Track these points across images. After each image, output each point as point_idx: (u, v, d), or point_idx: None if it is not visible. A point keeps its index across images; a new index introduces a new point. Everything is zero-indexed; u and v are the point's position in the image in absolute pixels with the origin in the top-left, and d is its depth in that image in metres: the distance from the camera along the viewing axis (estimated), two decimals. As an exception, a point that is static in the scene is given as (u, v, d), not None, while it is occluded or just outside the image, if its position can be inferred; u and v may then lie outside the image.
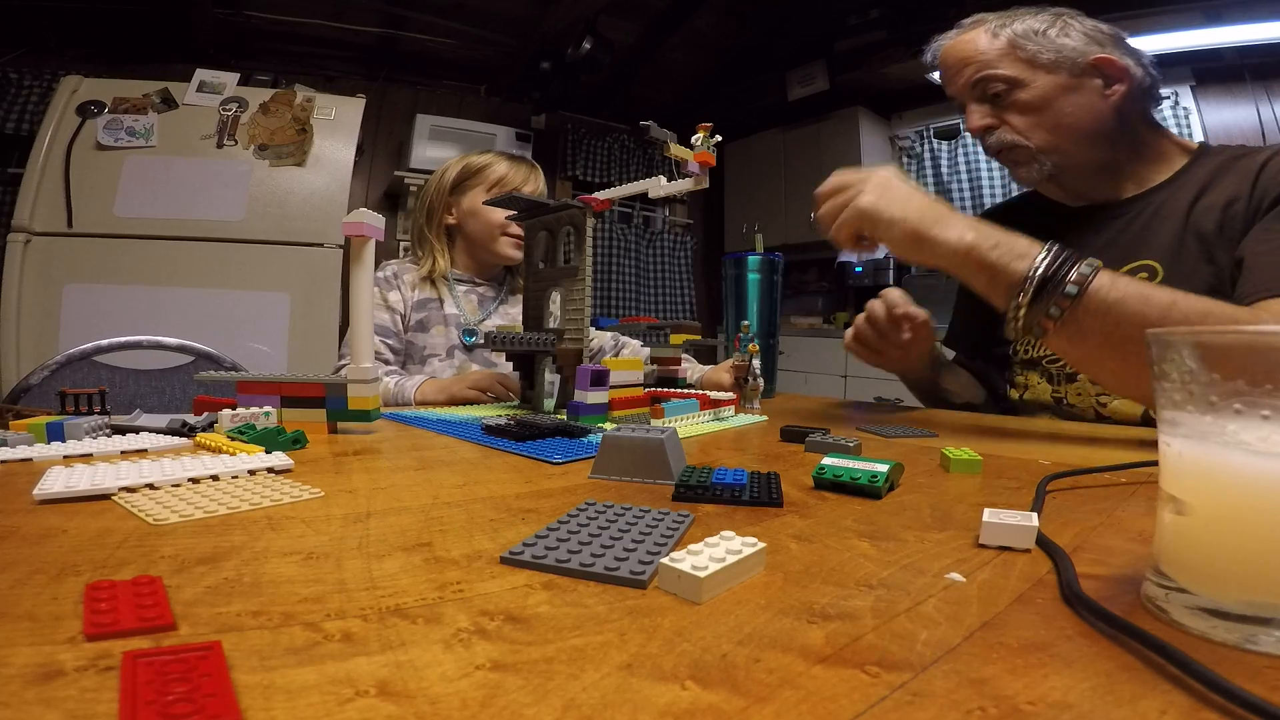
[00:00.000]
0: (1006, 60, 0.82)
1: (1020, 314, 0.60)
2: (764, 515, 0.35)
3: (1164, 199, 0.82)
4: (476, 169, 1.24)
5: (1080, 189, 0.89)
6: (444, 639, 0.19)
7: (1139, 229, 0.82)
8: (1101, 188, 0.88)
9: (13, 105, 2.48)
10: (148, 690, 0.15)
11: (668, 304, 3.92)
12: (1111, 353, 0.60)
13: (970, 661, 0.18)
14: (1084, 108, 0.81)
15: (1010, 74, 0.82)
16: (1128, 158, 0.85)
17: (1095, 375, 0.66)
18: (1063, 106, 0.81)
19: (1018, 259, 0.60)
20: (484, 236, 1.23)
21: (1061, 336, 0.60)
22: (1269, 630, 0.19)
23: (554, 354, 0.78)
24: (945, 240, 0.63)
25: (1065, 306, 0.58)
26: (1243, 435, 0.20)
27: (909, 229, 0.64)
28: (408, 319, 1.19)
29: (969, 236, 0.62)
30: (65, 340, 1.96)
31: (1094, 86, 0.81)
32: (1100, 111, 0.81)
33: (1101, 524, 0.33)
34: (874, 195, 0.66)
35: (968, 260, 0.62)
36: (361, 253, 0.63)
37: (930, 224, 0.63)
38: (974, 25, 0.86)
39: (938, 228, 0.63)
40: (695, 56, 3.40)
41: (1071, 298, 0.58)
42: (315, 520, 0.31)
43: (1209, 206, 0.77)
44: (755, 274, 1.07)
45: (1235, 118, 2.37)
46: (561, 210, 0.80)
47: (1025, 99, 0.82)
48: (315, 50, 3.04)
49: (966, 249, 0.62)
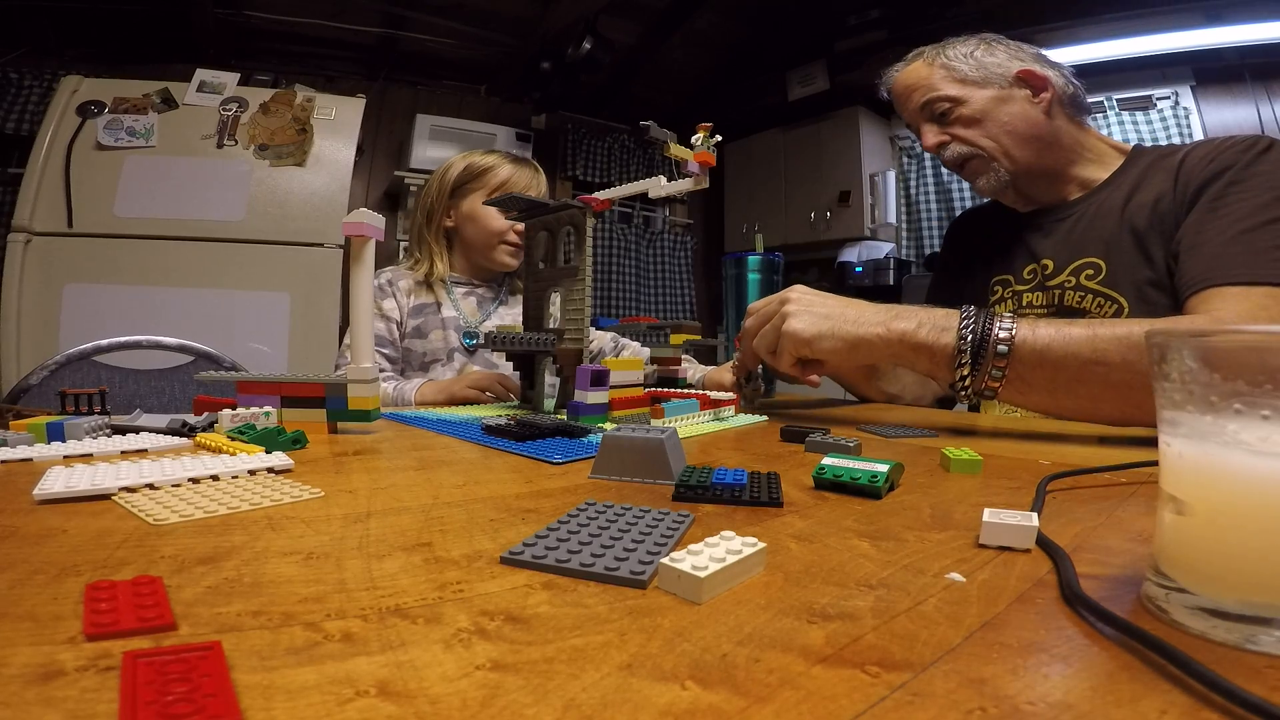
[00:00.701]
0: (944, 82, 0.91)
1: (966, 383, 0.64)
2: (764, 515, 0.35)
3: (1103, 199, 0.88)
4: (478, 172, 1.23)
5: (1032, 193, 0.95)
6: (444, 639, 0.19)
7: (1083, 229, 0.88)
8: (1049, 191, 0.94)
9: (13, 105, 2.48)
10: (148, 690, 0.15)
11: (668, 304, 3.92)
12: (1062, 394, 0.64)
13: (970, 661, 0.18)
14: (1018, 115, 0.89)
15: (950, 93, 0.91)
16: (1067, 160, 0.91)
17: (1057, 414, 0.69)
18: (999, 115, 0.89)
19: (943, 332, 0.65)
20: (481, 243, 1.22)
21: (1011, 391, 0.64)
22: (1269, 630, 0.19)
23: (554, 354, 0.78)
24: (878, 337, 0.67)
25: (1003, 365, 0.62)
26: (1243, 435, 0.20)
27: (843, 337, 0.68)
28: (404, 326, 1.18)
29: (897, 326, 0.66)
30: (65, 340, 1.96)
31: (1023, 96, 0.90)
32: (1033, 117, 0.89)
33: (1101, 524, 0.33)
34: (798, 319, 0.70)
35: (904, 347, 0.66)
36: (361, 253, 0.63)
37: (859, 326, 0.68)
38: (914, 58, 0.96)
39: (866, 328, 0.68)
40: (695, 56, 3.39)
41: (1005, 356, 0.62)
42: (315, 520, 0.31)
43: (1140, 204, 0.82)
44: (755, 274, 1.07)
45: (1235, 118, 2.37)
46: (561, 210, 0.80)
47: (966, 114, 0.90)
48: (315, 50, 3.04)
49: (899, 338, 0.66)
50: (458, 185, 1.24)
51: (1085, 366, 0.60)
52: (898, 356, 0.68)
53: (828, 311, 0.70)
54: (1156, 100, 2.50)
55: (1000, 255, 0.98)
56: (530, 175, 1.25)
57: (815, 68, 3.24)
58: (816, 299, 0.72)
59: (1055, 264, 0.89)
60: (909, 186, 3.29)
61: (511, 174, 1.23)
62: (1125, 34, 2.37)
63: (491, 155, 1.26)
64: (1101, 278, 0.84)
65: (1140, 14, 2.32)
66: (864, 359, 0.69)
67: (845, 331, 0.68)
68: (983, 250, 1.03)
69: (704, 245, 4.15)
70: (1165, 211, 0.79)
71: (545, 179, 1.28)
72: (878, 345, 0.67)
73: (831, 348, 0.69)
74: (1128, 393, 0.61)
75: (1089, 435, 0.67)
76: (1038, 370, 0.62)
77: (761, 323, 0.75)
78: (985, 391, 0.64)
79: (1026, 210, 0.97)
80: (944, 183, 3.11)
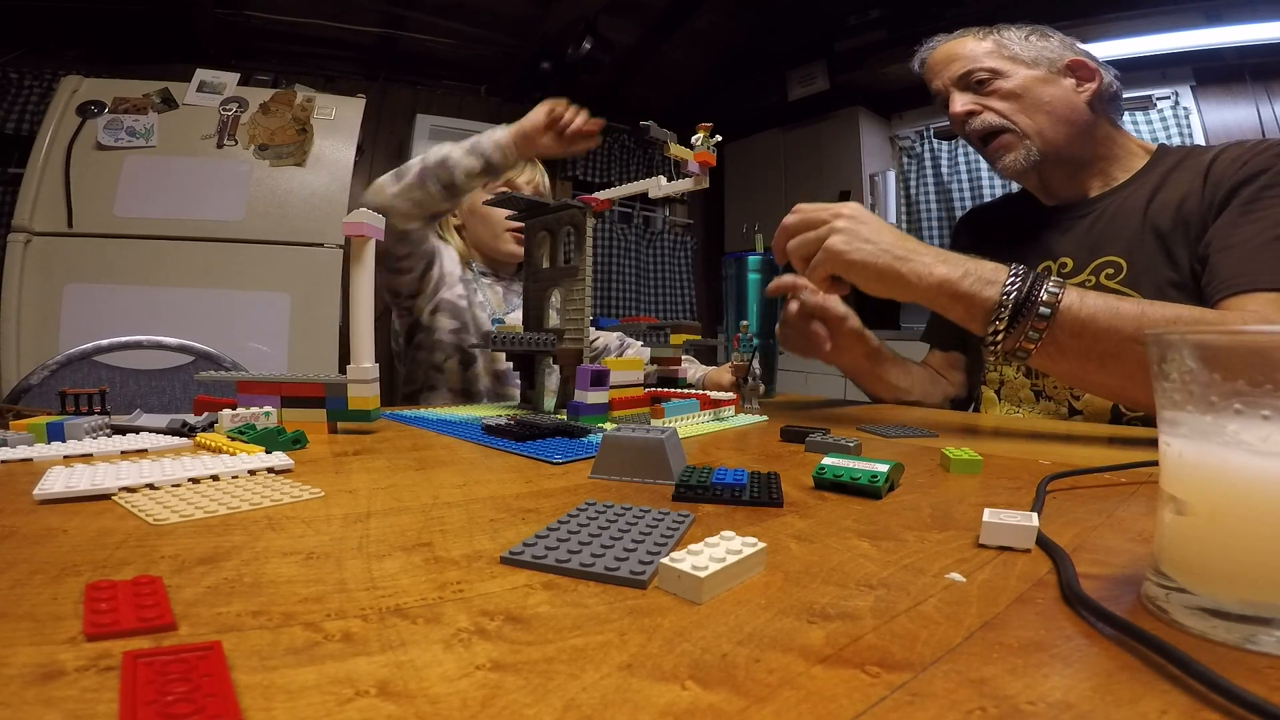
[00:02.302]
0: (991, 56, 0.89)
1: (1000, 339, 0.62)
2: (764, 515, 0.35)
3: (1125, 197, 0.86)
4: None
5: (1055, 183, 0.93)
6: (444, 639, 0.19)
7: (1103, 226, 0.86)
8: (1073, 184, 0.92)
9: (13, 105, 2.48)
10: (148, 690, 0.15)
11: (668, 304, 3.92)
12: (1094, 366, 0.62)
13: (970, 661, 0.18)
14: (1060, 98, 0.87)
15: (993, 65, 0.89)
16: (1096, 154, 0.90)
17: (1081, 386, 0.68)
18: (1041, 94, 0.87)
19: (987, 285, 0.62)
20: (488, 235, 1.23)
21: (1043, 356, 0.63)
22: (1269, 630, 0.19)
23: (554, 354, 0.78)
24: (918, 277, 0.65)
25: (1042, 329, 0.60)
26: (1243, 435, 0.20)
27: (881, 269, 0.66)
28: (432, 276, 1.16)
29: (939, 270, 0.64)
30: (65, 340, 1.96)
31: (1069, 84, 0.88)
32: (1074, 103, 0.87)
33: (1101, 524, 0.33)
34: (844, 237, 0.67)
35: (941, 293, 0.64)
36: (361, 253, 0.63)
37: (901, 262, 0.65)
38: (963, 33, 0.94)
39: (908, 265, 0.65)
40: (695, 56, 3.39)
41: (1046, 319, 0.60)
42: (315, 520, 0.31)
43: (1164, 204, 0.81)
44: (755, 274, 1.07)
45: (1235, 118, 2.37)
46: (561, 210, 0.80)
47: (1007, 87, 0.88)
48: (315, 50, 3.04)
49: (939, 282, 0.64)
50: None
51: (1125, 343, 0.59)
52: (932, 301, 0.65)
53: (876, 238, 0.67)
54: (1156, 100, 2.49)
55: (1015, 252, 0.95)
56: (526, 167, 1.25)
57: (815, 68, 3.23)
58: (869, 223, 0.68)
59: (1075, 262, 0.88)
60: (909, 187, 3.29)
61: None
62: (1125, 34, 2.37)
63: None
64: (1122, 277, 0.83)
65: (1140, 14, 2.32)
66: (896, 294, 0.66)
67: (885, 263, 0.65)
68: (996, 247, 1.00)
69: (704, 245, 4.14)
70: (1191, 212, 0.78)
71: (544, 172, 1.28)
72: (914, 285, 0.65)
73: (867, 275, 0.67)
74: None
75: (1089, 435, 0.67)
76: (1076, 338, 0.60)
77: (804, 227, 0.71)
78: (1018, 352, 0.62)
79: (1049, 204, 0.95)
80: (944, 183, 3.11)
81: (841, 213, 0.69)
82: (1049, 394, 0.89)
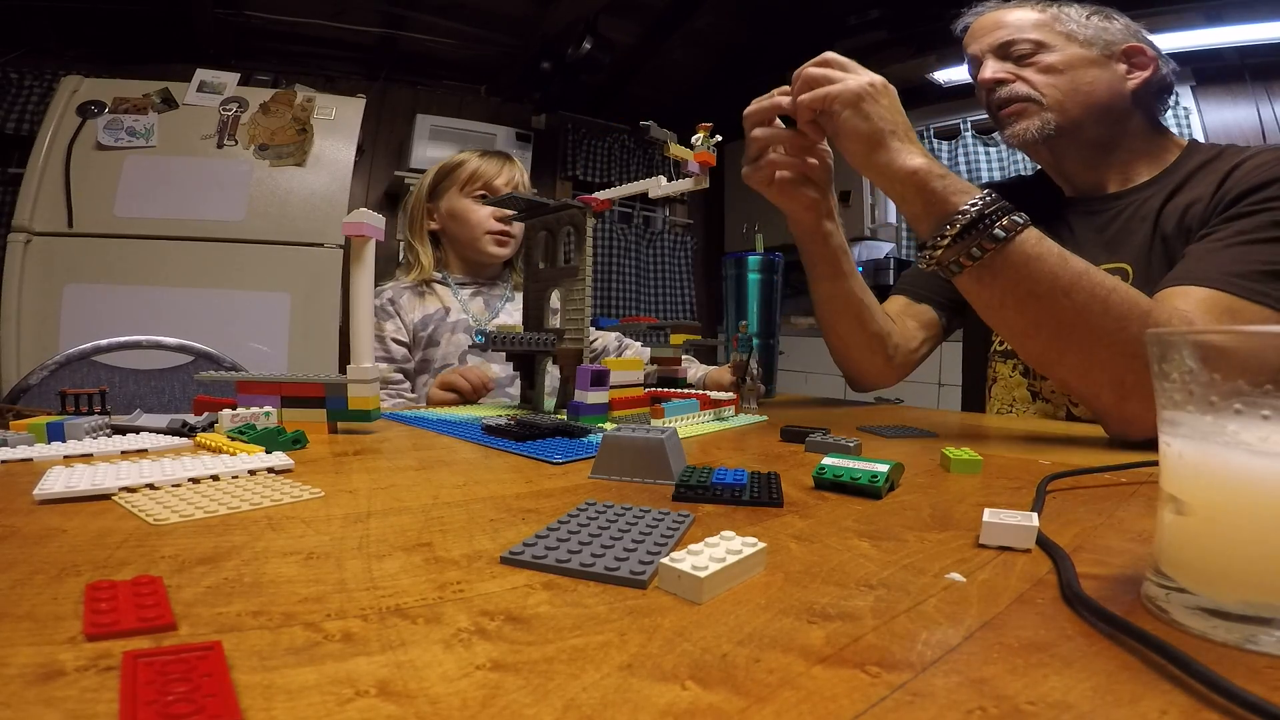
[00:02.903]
0: (1040, 29, 0.84)
1: (943, 244, 0.61)
2: (764, 515, 0.35)
3: (1144, 199, 0.83)
4: (449, 170, 1.24)
5: (1069, 164, 0.89)
6: (444, 639, 0.19)
7: (1118, 229, 0.84)
8: (1091, 172, 0.88)
9: (13, 105, 2.48)
10: (148, 690, 0.15)
11: (668, 304, 3.92)
12: (1014, 304, 0.62)
13: (970, 661, 0.18)
14: (1102, 82, 0.83)
15: (1039, 38, 0.84)
16: (1121, 145, 0.86)
17: (992, 320, 0.67)
18: (1083, 74, 0.83)
19: (958, 194, 0.62)
20: (467, 237, 1.22)
21: (972, 277, 0.62)
22: (1269, 630, 0.19)
23: (554, 354, 0.78)
24: (898, 157, 0.64)
25: (988, 249, 0.60)
26: (1243, 435, 0.20)
27: (872, 133, 0.65)
28: (415, 338, 1.17)
29: (920, 161, 0.64)
30: (65, 340, 1.96)
31: (1118, 69, 0.83)
32: (1117, 90, 0.83)
33: (1101, 524, 0.33)
34: (867, 90, 0.66)
35: (910, 182, 0.64)
36: (362, 253, 0.63)
37: (892, 137, 0.65)
38: (1021, 2, 0.88)
39: (896, 144, 0.65)
40: (695, 56, 3.39)
41: (997, 242, 0.59)
42: (315, 520, 0.31)
43: (1175, 208, 0.79)
44: (755, 274, 1.07)
45: (1235, 118, 2.37)
46: (561, 210, 0.80)
47: (1049, 61, 0.83)
48: (315, 50, 3.04)
49: (912, 170, 0.63)
50: (433, 186, 1.25)
51: (1054, 293, 0.59)
52: (894, 187, 0.65)
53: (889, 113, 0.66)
54: (1157, 100, 2.50)
55: None
56: (500, 163, 1.25)
57: (815, 68, 3.23)
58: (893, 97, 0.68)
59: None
60: (909, 186, 3.29)
61: (480, 164, 1.23)
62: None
63: (464, 153, 1.27)
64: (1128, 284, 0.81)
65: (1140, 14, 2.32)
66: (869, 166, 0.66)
67: (880, 129, 0.65)
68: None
69: (704, 245, 4.14)
70: (1194, 217, 0.76)
71: (521, 167, 1.28)
72: (889, 164, 0.65)
73: (857, 133, 0.66)
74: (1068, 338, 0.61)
75: (1089, 436, 0.67)
76: (1012, 270, 0.60)
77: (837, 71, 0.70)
78: (951, 265, 0.62)
79: (1067, 193, 0.91)
80: (944, 183, 3.11)
81: (872, 76, 0.68)
82: (1046, 396, 0.88)
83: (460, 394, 0.94)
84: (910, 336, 0.97)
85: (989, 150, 3.01)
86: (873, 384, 0.97)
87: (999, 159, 2.97)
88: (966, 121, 3.03)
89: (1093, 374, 0.63)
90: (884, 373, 0.95)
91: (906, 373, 0.98)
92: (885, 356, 0.93)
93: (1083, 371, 0.63)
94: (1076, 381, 0.65)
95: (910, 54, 2.83)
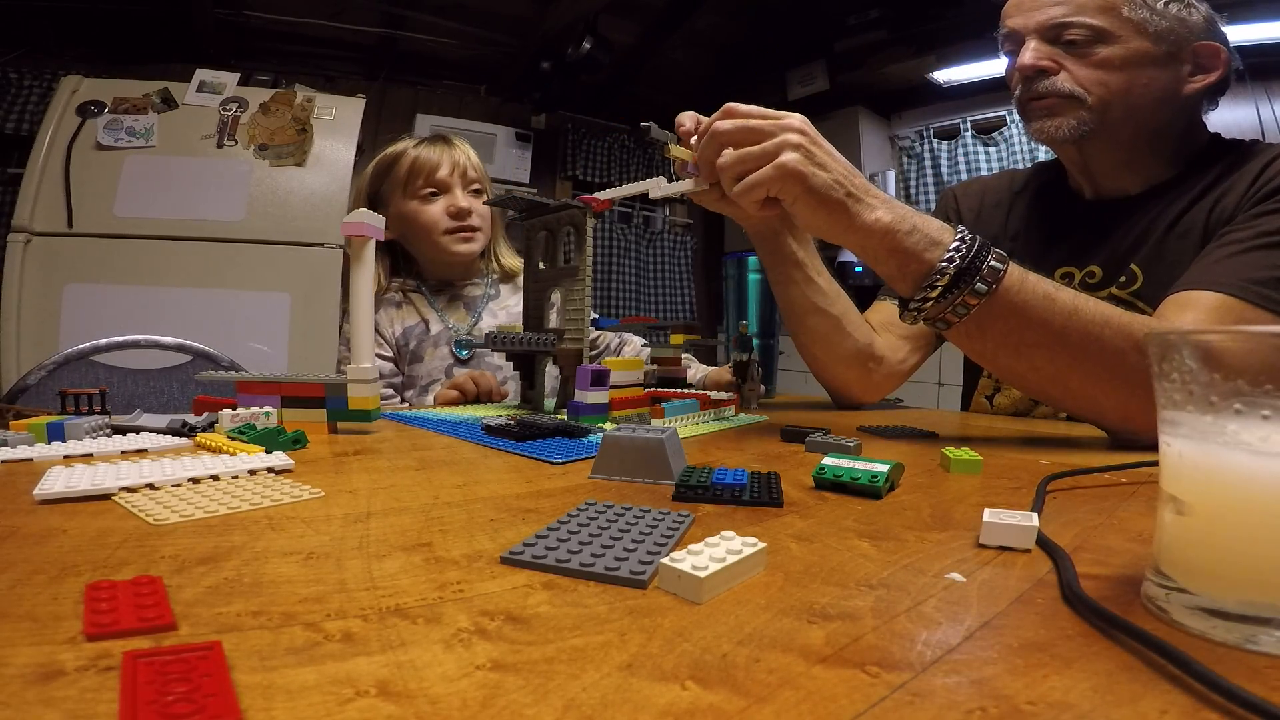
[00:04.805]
0: (1105, 14, 0.73)
1: (927, 306, 0.57)
2: (764, 515, 0.35)
3: (1168, 201, 0.78)
4: (386, 168, 1.15)
5: (1097, 165, 0.82)
6: (444, 639, 0.19)
7: (1138, 234, 0.79)
8: (1115, 172, 0.81)
9: (13, 105, 2.48)
10: (148, 690, 0.15)
11: (668, 304, 3.92)
12: (1009, 353, 0.59)
13: (970, 661, 0.18)
14: (1160, 84, 0.73)
15: (1101, 24, 0.73)
16: (1154, 148, 0.79)
17: (988, 366, 0.64)
18: (1140, 74, 0.73)
19: (931, 247, 0.56)
20: (426, 241, 1.13)
21: (961, 332, 0.59)
22: (1269, 630, 0.19)
23: (554, 354, 0.78)
24: (863, 220, 0.57)
25: (974, 305, 0.56)
26: (1243, 435, 0.20)
27: (832, 203, 0.58)
28: (401, 352, 1.13)
29: (884, 218, 0.57)
30: (65, 340, 1.96)
31: (1180, 71, 0.74)
32: (1174, 93, 0.74)
33: (1101, 524, 0.33)
34: (801, 156, 0.57)
35: (881, 243, 0.57)
36: (361, 253, 0.63)
37: (851, 200, 0.58)
38: None
39: (856, 205, 0.58)
40: (695, 56, 3.40)
41: (981, 296, 0.55)
42: (315, 520, 0.31)
43: (1200, 209, 0.75)
44: (755, 274, 1.07)
45: (1235, 118, 2.37)
46: (561, 210, 0.80)
47: (1106, 54, 0.73)
48: (315, 50, 3.04)
49: (882, 231, 0.57)
50: (373, 192, 1.15)
51: (1048, 337, 0.57)
52: (865, 249, 0.59)
53: (831, 165, 0.58)
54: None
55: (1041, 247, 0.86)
56: (439, 150, 1.14)
57: (815, 68, 3.24)
58: (822, 144, 0.60)
59: (1103, 274, 0.81)
60: (909, 186, 3.29)
61: (416, 155, 1.12)
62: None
63: (399, 143, 1.17)
64: (1136, 287, 0.77)
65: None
66: (831, 233, 0.59)
67: (837, 197, 0.57)
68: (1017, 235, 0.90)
69: (704, 245, 4.15)
70: (1221, 216, 0.72)
71: (466, 147, 1.18)
72: (853, 228, 0.58)
73: (812, 206, 0.58)
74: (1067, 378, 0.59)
75: (1089, 436, 0.67)
76: (1002, 321, 0.56)
77: (752, 136, 0.59)
78: (939, 322, 0.58)
79: (1088, 194, 0.85)
80: (944, 183, 3.11)
81: (792, 125, 0.59)
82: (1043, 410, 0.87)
83: (465, 396, 0.93)
84: (895, 348, 0.89)
85: (989, 150, 3.01)
86: (855, 400, 0.91)
87: (999, 159, 2.97)
88: (966, 121, 3.04)
89: (1097, 402, 0.61)
90: (865, 388, 0.89)
91: (894, 386, 0.91)
92: (864, 370, 0.86)
93: (1087, 401, 0.62)
94: (1082, 410, 0.63)
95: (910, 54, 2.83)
